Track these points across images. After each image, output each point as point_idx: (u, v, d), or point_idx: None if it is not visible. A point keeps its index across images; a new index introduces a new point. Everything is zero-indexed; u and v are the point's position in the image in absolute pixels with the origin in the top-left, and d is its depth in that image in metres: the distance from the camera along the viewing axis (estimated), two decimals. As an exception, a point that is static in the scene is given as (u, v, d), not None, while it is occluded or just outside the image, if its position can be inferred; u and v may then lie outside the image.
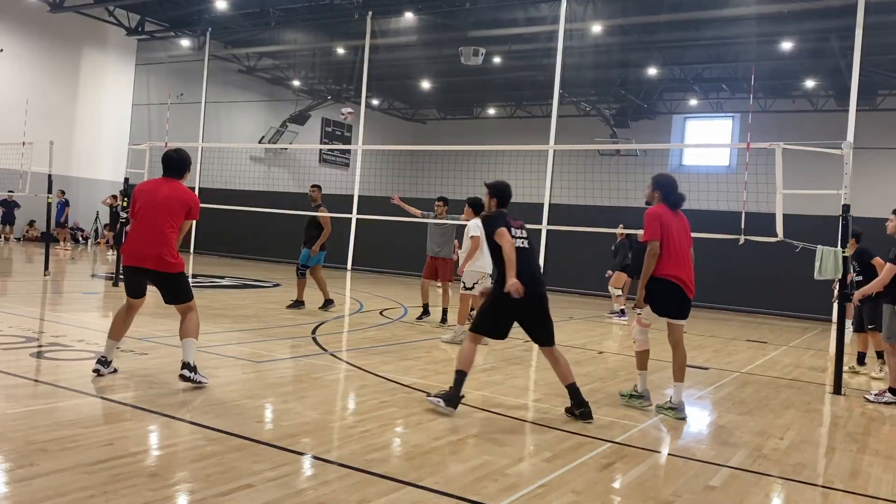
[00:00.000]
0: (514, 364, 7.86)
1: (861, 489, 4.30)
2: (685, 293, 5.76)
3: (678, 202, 5.93)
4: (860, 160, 11.43)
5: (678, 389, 5.77)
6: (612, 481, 4.13)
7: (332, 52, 27.01)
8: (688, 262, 5.81)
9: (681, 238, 5.80)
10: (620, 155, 26.55)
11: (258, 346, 7.73)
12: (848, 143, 7.63)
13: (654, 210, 5.81)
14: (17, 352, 6.39)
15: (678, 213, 5.92)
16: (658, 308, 5.78)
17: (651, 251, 5.66)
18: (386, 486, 3.73)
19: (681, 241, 5.79)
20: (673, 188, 5.93)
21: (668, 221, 5.74)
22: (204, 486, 3.52)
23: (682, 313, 5.82)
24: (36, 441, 3.99)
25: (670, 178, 6.02)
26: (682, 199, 5.95)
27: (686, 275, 5.75)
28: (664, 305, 5.77)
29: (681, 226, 5.88)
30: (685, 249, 5.83)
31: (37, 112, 21.84)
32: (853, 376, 8.72)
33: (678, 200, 5.93)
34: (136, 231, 5.64)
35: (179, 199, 5.70)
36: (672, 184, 5.95)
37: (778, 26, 20.19)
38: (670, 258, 5.68)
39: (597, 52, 22.90)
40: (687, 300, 5.79)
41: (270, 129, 31.27)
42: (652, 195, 5.96)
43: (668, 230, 5.70)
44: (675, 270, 5.69)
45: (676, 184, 5.98)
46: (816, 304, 15.42)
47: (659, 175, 6.06)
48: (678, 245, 5.75)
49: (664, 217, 5.74)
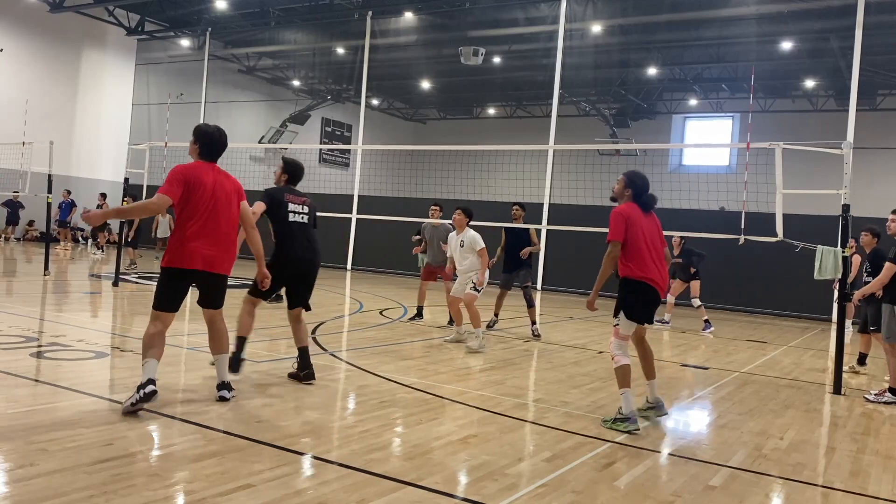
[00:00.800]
0: (514, 364, 7.86)
1: (861, 489, 4.30)
2: (658, 295, 5.45)
3: (649, 203, 5.57)
4: (860, 160, 11.43)
5: (653, 387, 5.64)
6: (612, 481, 4.13)
7: (331, 51, 27.02)
8: (662, 263, 5.51)
9: (653, 237, 5.48)
10: (620, 155, 26.57)
11: (258, 346, 7.73)
12: (848, 143, 7.63)
13: (620, 209, 5.46)
14: (17, 352, 6.39)
15: (649, 214, 5.57)
16: (636, 314, 5.38)
17: (611, 253, 5.35)
18: (386, 486, 3.73)
19: (653, 240, 5.47)
20: (645, 188, 5.58)
21: (637, 220, 5.39)
22: (204, 486, 3.52)
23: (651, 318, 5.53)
24: (36, 441, 3.99)
25: (643, 176, 5.65)
26: (653, 201, 5.60)
27: (660, 276, 5.44)
28: (642, 310, 5.41)
29: (653, 225, 5.55)
30: (659, 250, 5.53)
31: (37, 112, 21.84)
32: (853, 376, 8.72)
33: (649, 202, 5.57)
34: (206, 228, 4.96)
35: (236, 188, 5.23)
36: (645, 183, 5.60)
37: (778, 26, 20.19)
38: (643, 258, 5.35)
39: (597, 51, 22.91)
40: (657, 303, 5.51)
41: (270, 128, 31.27)
42: (622, 192, 5.59)
43: (638, 229, 5.36)
44: (650, 272, 5.36)
45: (649, 184, 5.65)
46: (816, 304, 15.43)
47: (632, 172, 5.69)
48: (650, 244, 5.42)
49: (632, 216, 5.39)
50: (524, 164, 19.55)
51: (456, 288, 9.12)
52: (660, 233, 5.62)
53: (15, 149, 16.17)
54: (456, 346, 8.82)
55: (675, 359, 9.20)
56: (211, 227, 4.99)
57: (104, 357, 6.62)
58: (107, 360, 6.46)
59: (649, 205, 5.57)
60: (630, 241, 5.34)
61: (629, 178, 5.59)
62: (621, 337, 5.42)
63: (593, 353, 9.12)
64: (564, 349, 9.28)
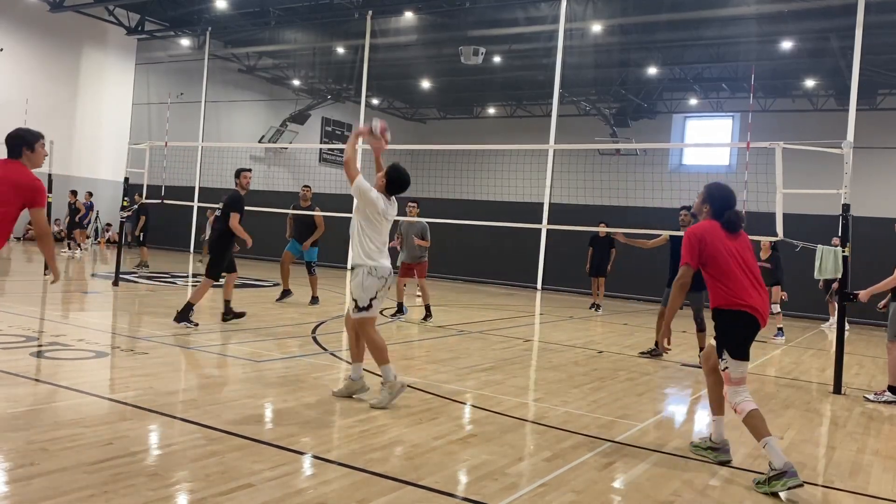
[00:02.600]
0: (514, 364, 7.85)
1: (861, 489, 4.30)
2: (759, 327, 4.55)
3: (734, 223, 4.64)
4: (860, 160, 11.43)
5: (720, 424, 4.75)
6: (612, 481, 4.13)
7: (331, 51, 27.01)
8: (763, 289, 4.62)
9: (746, 258, 4.63)
10: (620, 154, 26.57)
11: (258, 345, 7.73)
12: (848, 142, 7.63)
13: (694, 228, 4.68)
14: (17, 351, 6.38)
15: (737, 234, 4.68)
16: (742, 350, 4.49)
17: (681, 278, 4.62)
18: (386, 485, 3.73)
19: (747, 261, 4.61)
20: (729, 203, 4.72)
21: (718, 240, 4.57)
22: (204, 486, 3.52)
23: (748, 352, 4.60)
24: (36, 441, 3.99)
25: (727, 189, 4.77)
26: (739, 219, 4.67)
27: (761, 303, 4.55)
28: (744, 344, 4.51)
29: (742, 245, 4.68)
30: (756, 273, 4.63)
31: (37, 112, 21.81)
32: (854, 378, 8.70)
33: (735, 220, 4.65)
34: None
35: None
36: (729, 198, 4.73)
37: (778, 26, 20.18)
38: (738, 282, 4.51)
39: (597, 51, 22.90)
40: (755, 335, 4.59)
41: (270, 128, 31.27)
42: (700, 208, 4.81)
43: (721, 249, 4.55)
44: (749, 299, 4.49)
45: (734, 198, 4.77)
46: (816, 304, 15.42)
47: (714, 184, 4.80)
48: (744, 266, 4.57)
49: (709, 235, 4.58)
50: (524, 164, 19.56)
51: None
52: (751, 253, 4.72)
53: (15, 149, 16.14)
54: (457, 344, 8.83)
55: (675, 358, 9.19)
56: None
57: (104, 357, 6.62)
58: (107, 360, 6.45)
59: (734, 225, 4.64)
60: (715, 264, 4.55)
61: (708, 192, 4.77)
62: (734, 382, 4.47)
63: (593, 353, 9.12)
64: (564, 349, 9.28)
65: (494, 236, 19.26)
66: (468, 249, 20.40)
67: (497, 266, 20.48)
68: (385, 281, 5.56)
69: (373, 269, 5.49)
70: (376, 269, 5.50)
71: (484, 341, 9.34)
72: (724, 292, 4.51)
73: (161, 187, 13.96)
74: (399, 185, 5.64)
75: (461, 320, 11.60)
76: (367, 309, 5.52)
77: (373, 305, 5.53)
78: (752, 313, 4.47)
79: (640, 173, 19.30)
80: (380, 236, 5.57)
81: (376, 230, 5.54)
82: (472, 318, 12.09)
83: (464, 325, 10.90)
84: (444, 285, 18.99)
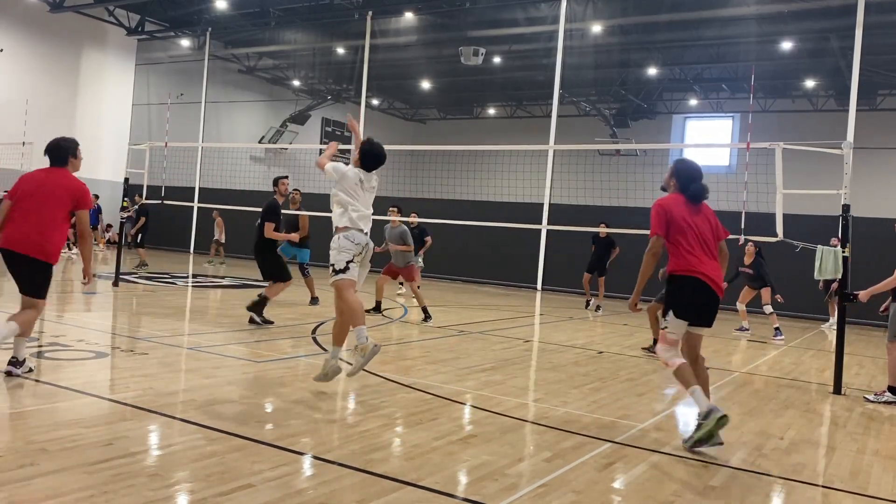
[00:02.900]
0: (514, 364, 7.85)
1: (861, 489, 4.30)
2: (714, 294, 4.93)
3: (699, 194, 5.06)
4: (860, 160, 11.44)
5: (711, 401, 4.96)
6: (612, 481, 4.13)
7: (331, 51, 27.02)
8: (715, 259, 5.02)
9: (703, 230, 5.00)
10: (620, 155, 26.56)
11: (258, 346, 7.73)
12: (848, 143, 7.63)
13: (660, 200, 5.07)
14: (17, 352, 6.38)
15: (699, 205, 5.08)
16: (686, 312, 4.94)
17: (652, 248, 4.96)
18: (386, 486, 3.73)
19: (703, 233, 4.99)
20: (693, 177, 5.09)
21: (681, 212, 4.97)
22: (204, 486, 3.52)
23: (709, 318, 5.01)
24: (36, 441, 3.99)
25: (692, 165, 5.18)
26: (703, 191, 5.08)
27: (714, 272, 4.93)
28: (693, 308, 4.95)
29: (703, 217, 5.06)
30: (709, 243, 5.01)
31: (37, 112, 21.84)
32: (855, 378, 8.70)
33: (699, 192, 5.07)
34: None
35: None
36: (693, 173, 5.11)
37: (778, 26, 20.19)
38: (693, 252, 4.91)
39: (597, 52, 22.90)
40: (713, 301, 4.96)
41: (270, 129, 31.27)
42: (668, 181, 5.21)
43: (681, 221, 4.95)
44: (700, 266, 4.89)
45: (699, 173, 5.12)
46: (816, 305, 15.42)
47: (680, 160, 5.26)
48: (701, 237, 4.97)
49: (674, 207, 4.99)
50: (524, 164, 19.54)
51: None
52: (713, 226, 5.10)
53: (15, 149, 16.19)
54: (457, 345, 8.83)
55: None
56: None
57: (104, 357, 6.62)
58: (107, 360, 6.45)
59: (699, 196, 5.06)
60: (675, 235, 4.94)
61: (675, 168, 5.19)
62: (669, 342, 4.96)
63: (593, 353, 9.12)
64: (564, 349, 9.28)
65: (494, 236, 19.25)
66: (468, 250, 20.40)
67: (497, 266, 20.49)
68: (361, 248, 5.58)
69: (348, 232, 5.54)
70: (351, 233, 5.55)
71: (484, 342, 9.34)
72: (677, 260, 4.95)
73: (161, 188, 13.97)
74: (371, 157, 5.79)
75: (461, 320, 11.60)
76: (343, 272, 5.52)
77: (349, 268, 5.53)
78: (703, 279, 4.88)
79: (640, 174, 19.29)
80: (357, 204, 5.64)
81: (354, 198, 5.64)
82: (473, 318, 12.09)
83: (464, 326, 10.90)
84: (444, 285, 19.00)
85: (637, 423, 5.50)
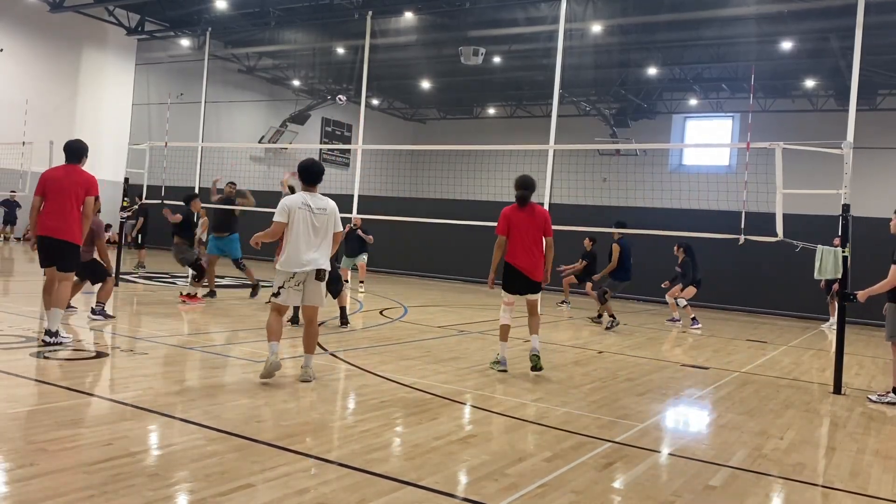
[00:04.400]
0: (513, 364, 7.85)
1: (861, 489, 4.30)
2: (524, 276, 7.17)
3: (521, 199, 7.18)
4: (860, 160, 11.40)
5: (534, 341, 7.15)
6: (612, 481, 4.12)
7: (331, 51, 27.00)
8: (531, 252, 7.17)
9: (524, 230, 7.15)
10: (620, 155, 26.56)
11: (258, 346, 7.73)
12: (848, 142, 7.63)
13: (505, 209, 7.25)
14: (17, 352, 6.38)
15: (525, 208, 7.17)
16: (507, 287, 7.28)
17: (498, 242, 7.24)
18: (386, 486, 3.73)
19: (524, 232, 7.16)
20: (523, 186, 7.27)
21: (513, 217, 7.19)
22: (204, 486, 3.52)
23: (530, 290, 7.24)
24: (36, 441, 3.99)
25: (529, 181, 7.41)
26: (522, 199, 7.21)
27: (528, 262, 7.14)
28: (510, 285, 7.25)
29: (528, 221, 7.14)
30: (526, 240, 7.14)
31: (37, 112, 21.84)
32: (855, 378, 8.70)
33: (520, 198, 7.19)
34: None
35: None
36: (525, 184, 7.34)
37: (778, 26, 20.17)
38: (514, 248, 7.17)
39: (597, 51, 22.88)
40: (530, 281, 7.19)
41: (270, 128, 31.26)
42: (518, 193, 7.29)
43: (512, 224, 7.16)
44: (516, 259, 7.16)
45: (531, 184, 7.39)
46: (816, 304, 15.42)
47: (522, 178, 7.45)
48: (524, 235, 7.14)
49: (512, 214, 7.20)
50: (524, 164, 19.45)
51: None
52: (534, 228, 7.17)
53: (15, 149, 16.18)
54: (457, 344, 8.83)
55: (675, 358, 9.20)
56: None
57: (104, 357, 6.62)
58: (107, 361, 6.45)
59: (522, 200, 7.20)
60: (510, 233, 7.18)
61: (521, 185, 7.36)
62: (506, 303, 7.30)
63: (593, 353, 9.12)
64: (564, 349, 9.28)
65: (494, 237, 19.22)
66: (468, 250, 20.38)
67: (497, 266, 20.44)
68: (293, 276, 5.98)
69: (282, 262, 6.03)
70: (283, 263, 6.01)
71: (484, 341, 9.34)
72: (507, 252, 7.22)
73: (161, 188, 13.96)
74: (306, 173, 6.15)
75: (461, 320, 11.60)
76: (276, 296, 6.10)
77: (280, 294, 6.04)
78: (518, 268, 7.18)
79: (639, 174, 19.31)
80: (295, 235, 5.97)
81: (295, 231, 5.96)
82: (473, 318, 12.09)
83: (464, 326, 10.90)
84: (443, 285, 19.00)
85: (637, 423, 5.50)
